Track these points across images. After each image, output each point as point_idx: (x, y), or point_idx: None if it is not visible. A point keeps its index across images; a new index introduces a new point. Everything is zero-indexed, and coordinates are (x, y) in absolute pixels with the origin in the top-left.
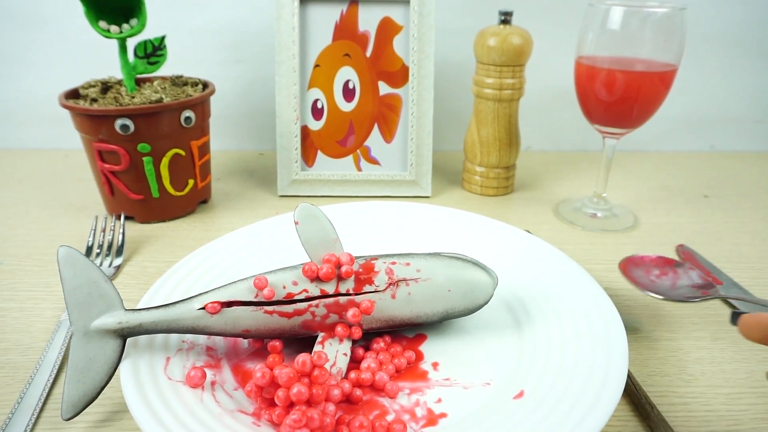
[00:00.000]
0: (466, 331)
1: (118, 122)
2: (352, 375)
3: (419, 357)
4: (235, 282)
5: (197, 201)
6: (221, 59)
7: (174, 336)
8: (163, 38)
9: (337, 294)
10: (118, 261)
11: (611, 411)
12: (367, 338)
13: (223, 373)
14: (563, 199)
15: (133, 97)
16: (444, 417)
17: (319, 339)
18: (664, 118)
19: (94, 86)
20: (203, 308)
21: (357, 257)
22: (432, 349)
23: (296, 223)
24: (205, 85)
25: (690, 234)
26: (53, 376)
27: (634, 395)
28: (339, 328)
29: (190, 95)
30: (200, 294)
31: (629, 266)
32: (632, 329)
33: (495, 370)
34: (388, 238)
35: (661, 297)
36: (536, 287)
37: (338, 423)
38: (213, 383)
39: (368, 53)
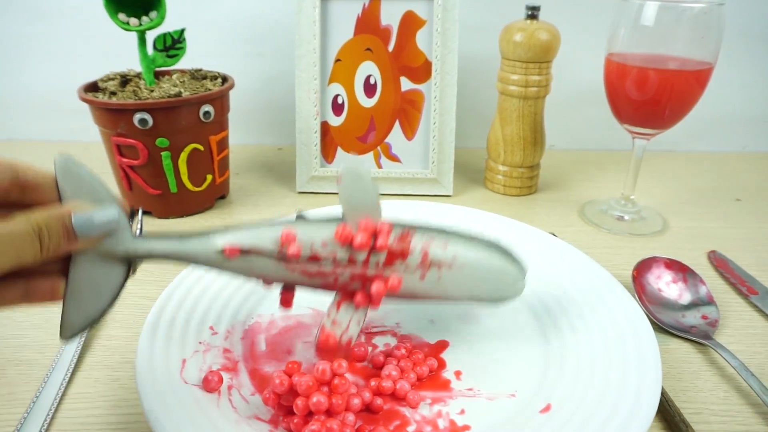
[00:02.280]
0: (490, 339)
1: (137, 116)
2: (373, 383)
3: (441, 365)
4: (260, 226)
5: (215, 196)
6: (241, 53)
7: (190, 337)
8: (182, 31)
9: (367, 265)
10: None
11: (645, 431)
12: (386, 343)
13: (240, 377)
14: (589, 200)
15: (152, 91)
16: (467, 429)
17: (335, 299)
18: (694, 117)
19: (113, 79)
20: (222, 251)
21: (395, 224)
22: (455, 356)
23: (338, 181)
24: (225, 79)
25: (721, 239)
26: (69, 374)
27: (667, 412)
28: (359, 297)
29: (209, 89)
30: (219, 231)
31: (642, 271)
32: (663, 339)
33: (520, 381)
34: None
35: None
36: (562, 293)
37: None
38: (230, 387)
39: (390, 48)
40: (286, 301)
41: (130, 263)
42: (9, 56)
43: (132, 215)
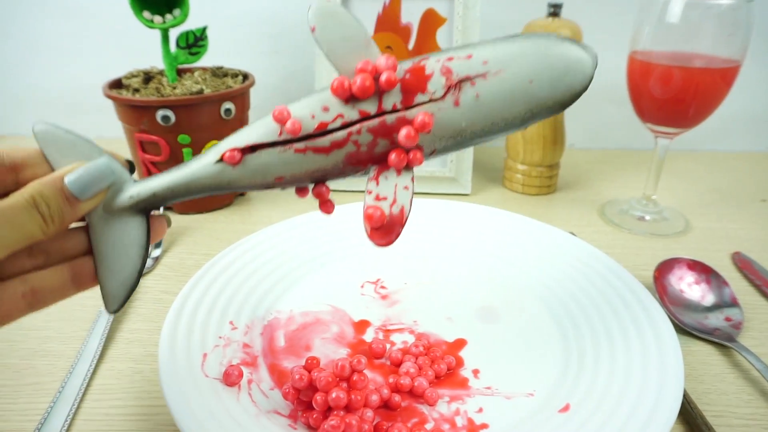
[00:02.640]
0: (509, 338)
1: (160, 113)
2: (391, 379)
3: (459, 363)
4: (251, 123)
5: (235, 193)
6: (261, 50)
7: (211, 331)
8: (204, 29)
9: (382, 113)
10: (156, 252)
11: None
12: (404, 341)
13: (260, 371)
14: (609, 200)
15: (174, 88)
16: (485, 428)
17: (371, 175)
18: (718, 116)
19: (136, 76)
20: (221, 159)
21: (401, 61)
22: (473, 354)
23: (312, 30)
24: (245, 76)
25: (745, 240)
26: (93, 365)
27: (689, 414)
28: (393, 156)
29: (231, 87)
30: (213, 147)
31: (664, 272)
32: (685, 341)
33: (539, 380)
34: (425, 238)
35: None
36: (582, 293)
37: (376, 429)
38: (249, 382)
39: (410, 46)
40: (301, 191)
41: (146, 213)
42: (34, 53)
43: (131, 170)
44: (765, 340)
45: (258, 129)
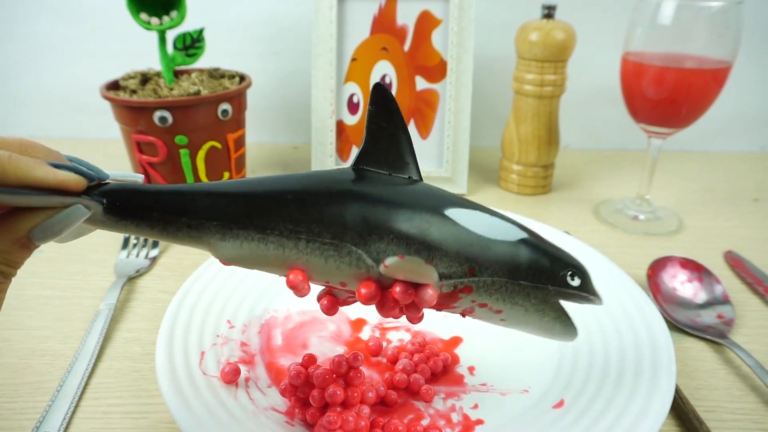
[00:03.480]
0: (504, 335)
1: (157, 114)
2: (387, 376)
3: (455, 360)
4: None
5: None
6: (258, 52)
7: (209, 330)
8: (201, 30)
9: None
10: (154, 252)
11: (658, 428)
12: (400, 338)
13: (257, 369)
14: (603, 199)
15: (171, 89)
16: (480, 424)
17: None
18: (711, 116)
19: (133, 77)
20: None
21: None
22: (468, 352)
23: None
24: (242, 77)
25: (738, 240)
26: (92, 364)
27: (681, 409)
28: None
29: (227, 88)
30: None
31: (657, 270)
32: (677, 338)
33: (533, 377)
34: None
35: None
36: None
37: (373, 426)
38: (247, 380)
39: (406, 47)
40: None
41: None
42: (31, 55)
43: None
44: (756, 337)
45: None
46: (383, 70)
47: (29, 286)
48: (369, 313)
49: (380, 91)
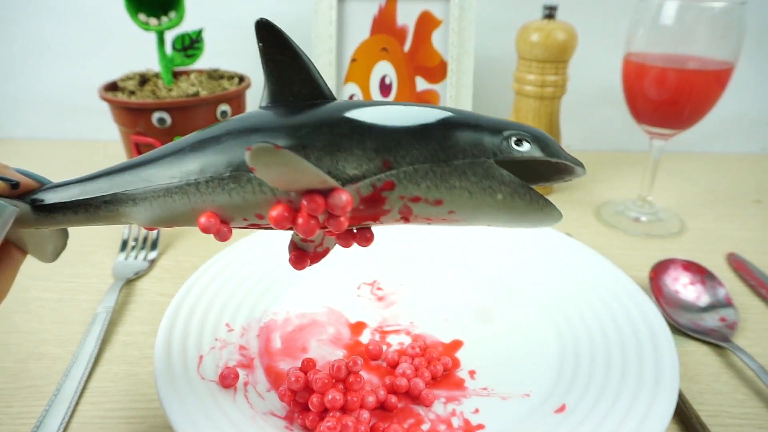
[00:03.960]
0: (505, 339)
1: (156, 115)
2: (387, 380)
3: (456, 364)
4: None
5: None
6: (257, 52)
7: (207, 333)
8: (200, 31)
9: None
10: (152, 255)
11: None
12: (401, 342)
13: (256, 373)
14: (605, 201)
15: (170, 90)
16: (482, 428)
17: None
18: (713, 117)
19: (132, 79)
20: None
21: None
22: (469, 356)
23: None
24: (241, 78)
25: (740, 241)
26: (89, 369)
27: (684, 414)
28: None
29: (226, 89)
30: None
31: (659, 273)
32: (680, 341)
33: (535, 381)
34: (421, 240)
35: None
36: (578, 294)
37: (372, 431)
38: (246, 384)
39: (406, 48)
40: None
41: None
42: (30, 56)
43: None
44: (759, 341)
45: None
46: (383, 70)
47: (27, 289)
48: (369, 316)
49: (265, 26)
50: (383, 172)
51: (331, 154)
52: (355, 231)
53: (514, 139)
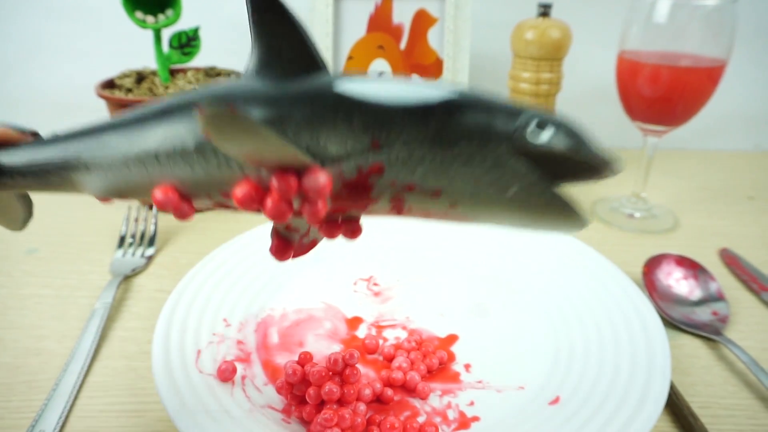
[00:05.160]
0: (500, 333)
1: None
2: (383, 373)
3: (451, 358)
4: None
5: None
6: None
7: (205, 328)
8: (197, 29)
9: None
10: (150, 251)
11: (653, 423)
12: (397, 336)
13: (254, 367)
14: (600, 198)
15: (167, 88)
16: (477, 420)
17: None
18: (706, 115)
19: (129, 76)
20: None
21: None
22: (464, 349)
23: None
24: (238, 76)
25: (734, 237)
26: (87, 364)
27: (675, 406)
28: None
29: None
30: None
31: (653, 268)
32: (673, 335)
33: (529, 374)
34: (417, 235)
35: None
36: (572, 289)
37: (369, 423)
38: (243, 378)
39: (402, 46)
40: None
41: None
42: (26, 54)
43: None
44: (750, 334)
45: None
46: (379, 68)
47: (24, 286)
48: (365, 311)
49: None
50: (371, 152)
51: (312, 129)
52: (340, 221)
53: (534, 124)
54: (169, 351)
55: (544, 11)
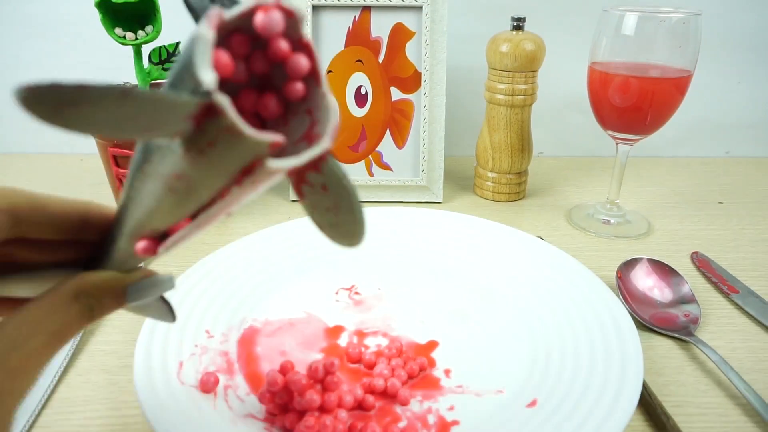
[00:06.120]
0: (479, 338)
1: None
2: (365, 380)
3: (431, 363)
4: None
5: None
6: None
7: (187, 340)
8: (177, 45)
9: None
10: None
11: (626, 422)
12: (378, 344)
13: (236, 378)
14: (576, 205)
15: None
16: (456, 424)
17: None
18: (677, 123)
19: None
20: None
21: None
22: (444, 355)
23: None
24: None
25: (705, 241)
26: (56, 379)
27: (649, 405)
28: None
29: None
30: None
31: (626, 272)
32: (646, 336)
33: (508, 378)
34: (398, 245)
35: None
36: (548, 294)
37: (350, 429)
38: (226, 388)
39: (380, 59)
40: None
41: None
42: (5, 70)
43: None
44: (720, 334)
45: None
46: (359, 81)
47: None
48: (347, 319)
49: None
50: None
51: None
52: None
53: None
54: (150, 364)
55: (518, 24)
